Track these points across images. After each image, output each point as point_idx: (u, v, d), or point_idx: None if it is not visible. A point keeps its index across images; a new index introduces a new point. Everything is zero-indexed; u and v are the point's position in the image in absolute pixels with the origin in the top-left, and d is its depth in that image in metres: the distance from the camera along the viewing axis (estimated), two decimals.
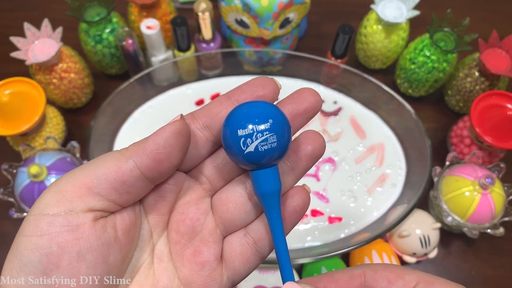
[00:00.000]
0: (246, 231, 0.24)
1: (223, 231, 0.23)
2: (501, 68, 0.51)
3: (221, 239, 0.24)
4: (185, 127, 0.21)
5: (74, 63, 0.53)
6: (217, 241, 0.23)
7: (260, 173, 0.21)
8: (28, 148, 0.49)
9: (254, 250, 0.24)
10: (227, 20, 0.54)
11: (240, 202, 0.23)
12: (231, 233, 0.24)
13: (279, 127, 0.21)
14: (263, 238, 0.23)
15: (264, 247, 0.24)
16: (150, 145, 0.20)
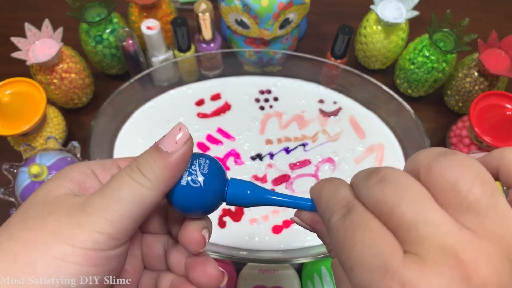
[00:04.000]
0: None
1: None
2: (500, 68, 0.51)
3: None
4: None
5: (75, 64, 0.54)
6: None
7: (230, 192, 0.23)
8: (28, 148, 0.49)
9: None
10: (227, 20, 0.55)
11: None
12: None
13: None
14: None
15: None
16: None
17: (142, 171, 0.21)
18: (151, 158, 0.21)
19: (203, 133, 0.55)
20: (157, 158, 0.21)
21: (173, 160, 0.21)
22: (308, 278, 0.46)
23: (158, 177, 0.21)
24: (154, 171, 0.20)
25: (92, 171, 0.23)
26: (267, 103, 0.57)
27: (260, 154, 0.54)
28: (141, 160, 0.21)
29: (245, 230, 0.49)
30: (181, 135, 0.21)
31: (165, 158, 0.21)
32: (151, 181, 0.20)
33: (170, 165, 0.21)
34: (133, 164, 0.21)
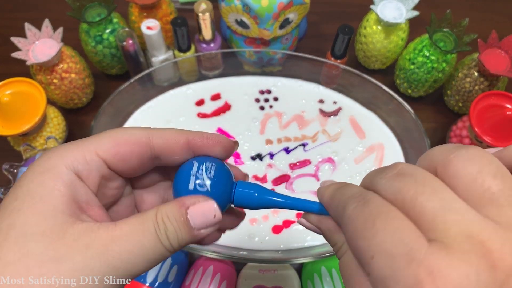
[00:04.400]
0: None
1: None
2: (500, 68, 0.51)
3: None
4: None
5: (75, 64, 0.54)
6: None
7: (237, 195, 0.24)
8: (29, 148, 0.49)
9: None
10: (227, 20, 0.55)
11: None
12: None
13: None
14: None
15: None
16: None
17: (169, 239, 0.20)
18: (179, 229, 0.21)
19: None
20: (185, 233, 0.21)
21: (200, 236, 0.21)
22: (308, 278, 0.46)
23: (181, 246, 0.21)
24: (179, 242, 0.21)
25: (76, 174, 0.20)
26: (267, 103, 0.57)
27: (260, 154, 0.54)
28: (169, 225, 0.20)
29: (245, 230, 0.49)
30: (213, 221, 0.21)
31: (192, 234, 0.21)
32: (174, 248, 0.21)
33: (196, 240, 0.21)
34: (162, 226, 0.20)
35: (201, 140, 0.23)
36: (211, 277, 0.45)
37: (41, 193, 0.19)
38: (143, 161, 0.23)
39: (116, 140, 0.21)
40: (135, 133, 0.22)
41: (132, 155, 0.22)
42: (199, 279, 0.45)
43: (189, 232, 0.21)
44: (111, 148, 0.21)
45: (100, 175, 0.21)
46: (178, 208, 0.21)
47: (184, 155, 0.23)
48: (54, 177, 0.19)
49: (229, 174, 0.23)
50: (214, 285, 0.44)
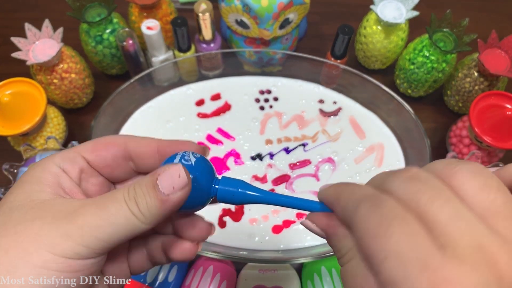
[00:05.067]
0: None
1: None
2: (500, 69, 0.52)
3: None
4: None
5: (75, 64, 0.54)
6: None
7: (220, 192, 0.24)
8: (29, 148, 0.49)
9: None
10: (227, 20, 0.55)
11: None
12: None
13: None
14: None
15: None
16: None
17: (138, 205, 0.21)
18: (148, 194, 0.21)
19: (203, 133, 0.55)
20: (154, 197, 0.21)
21: (168, 202, 0.21)
22: (308, 278, 0.46)
23: (152, 214, 0.21)
24: (149, 209, 0.21)
25: (61, 168, 0.23)
26: (267, 103, 0.57)
27: (260, 154, 0.54)
28: (139, 192, 0.21)
29: (245, 230, 0.49)
30: (179, 180, 0.21)
31: (160, 199, 0.21)
32: (145, 216, 0.21)
33: (164, 206, 0.21)
34: (132, 194, 0.21)
35: (170, 147, 0.25)
36: (211, 277, 0.45)
37: (30, 181, 0.22)
38: (117, 159, 0.25)
39: (96, 142, 0.25)
40: (114, 137, 0.25)
41: (107, 153, 0.25)
42: (199, 279, 0.45)
43: (157, 196, 0.21)
44: (91, 147, 0.25)
45: (79, 168, 0.24)
46: (150, 176, 0.22)
47: (153, 161, 0.25)
48: (43, 169, 0.23)
49: (209, 167, 0.24)
50: (214, 285, 0.44)
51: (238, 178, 0.25)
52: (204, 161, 0.24)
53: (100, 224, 0.20)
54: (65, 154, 0.24)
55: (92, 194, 0.25)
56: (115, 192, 0.22)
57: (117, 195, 0.21)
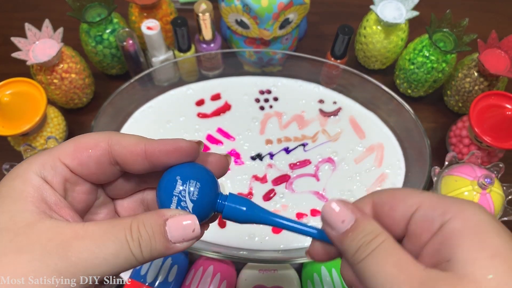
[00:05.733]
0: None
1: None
2: (500, 69, 0.52)
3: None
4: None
5: (75, 64, 0.54)
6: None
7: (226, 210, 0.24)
8: (29, 148, 0.49)
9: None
10: (227, 20, 0.55)
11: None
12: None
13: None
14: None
15: None
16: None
17: (141, 248, 0.20)
18: (154, 239, 0.20)
19: (203, 133, 0.55)
20: (160, 244, 0.20)
21: (173, 250, 0.21)
22: (308, 278, 0.46)
23: (152, 257, 0.21)
24: (152, 253, 0.20)
25: (42, 179, 0.21)
26: (267, 103, 0.57)
27: (260, 154, 0.54)
28: (144, 234, 0.20)
29: (245, 230, 0.49)
30: (192, 235, 0.21)
31: (166, 246, 0.21)
32: (145, 258, 0.20)
33: (169, 253, 0.21)
34: (135, 234, 0.20)
35: (159, 148, 0.22)
36: (211, 277, 0.45)
37: (11, 195, 0.20)
38: (102, 166, 0.23)
39: (76, 145, 0.22)
40: (95, 138, 0.23)
41: (90, 160, 0.22)
42: (199, 279, 0.45)
43: (164, 244, 0.20)
44: (71, 153, 0.22)
45: (63, 178, 0.22)
46: (157, 218, 0.21)
47: (141, 165, 0.23)
48: (23, 181, 0.21)
49: (213, 187, 0.23)
50: (214, 285, 0.44)
51: (244, 197, 0.24)
52: (207, 185, 0.22)
53: (96, 263, 0.19)
54: (44, 161, 0.21)
55: (80, 203, 0.23)
56: (115, 228, 0.20)
57: (119, 234, 0.20)
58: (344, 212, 0.21)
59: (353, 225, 0.21)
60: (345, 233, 0.21)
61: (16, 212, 0.20)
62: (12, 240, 0.19)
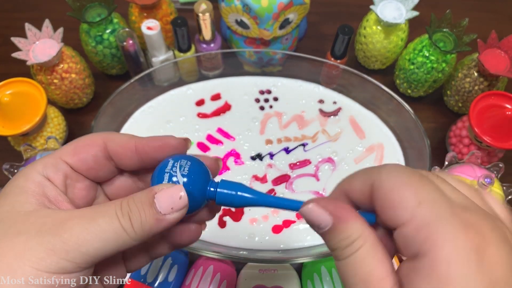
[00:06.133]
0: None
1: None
2: (500, 69, 0.52)
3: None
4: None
5: (75, 64, 0.54)
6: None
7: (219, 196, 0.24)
8: (29, 148, 0.49)
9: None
10: (227, 20, 0.55)
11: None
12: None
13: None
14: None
15: None
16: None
17: (132, 221, 0.20)
18: (143, 211, 0.21)
19: (203, 133, 0.55)
20: (149, 215, 0.21)
21: (164, 222, 0.21)
22: (308, 278, 0.46)
23: (144, 232, 0.21)
24: (143, 226, 0.21)
25: (45, 176, 0.23)
26: (267, 103, 0.57)
27: (260, 154, 0.54)
28: (134, 208, 0.21)
29: (245, 230, 0.49)
30: (179, 202, 0.21)
31: (156, 218, 0.21)
32: (136, 233, 0.20)
33: (159, 225, 0.21)
34: (125, 209, 0.21)
35: (148, 144, 0.24)
36: (211, 277, 0.45)
37: (14, 191, 0.22)
38: (99, 161, 0.24)
39: (75, 144, 0.24)
40: (92, 137, 0.24)
41: (88, 155, 0.24)
42: (199, 279, 0.45)
43: (154, 216, 0.21)
44: (71, 151, 0.24)
45: (63, 174, 0.23)
46: (146, 193, 0.21)
47: (133, 159, 0.24)
48: (26, 179, 0.22)
49: (204, 172, 0.24)
50: (214, 285, 0.44)
51: (236, 181, 0.24)
52: (199, 166, 0.23)
53: (87, 238, 0.19)
54: (47, 161, 0.23)
55: (80, 199, 0.24)
56: (106, 206, 0.21)
57: (109, 210, 0.21)
58: (321, 216, 0.21)
59: (330, 228, 0.21)
60: (324, 233, 0.21)
61: (16, 203, 0.21)
62: (11, 226, 0.20)
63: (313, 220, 0.21)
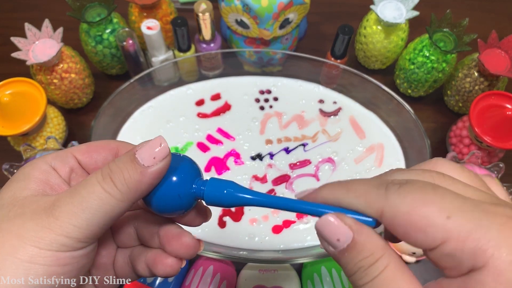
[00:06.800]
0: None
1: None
2: (500, 68, 0.52)
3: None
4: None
5: (75, 64, 0.54)
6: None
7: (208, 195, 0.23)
8: (29, 148, 0.49)
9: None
10: (227, 20, 0.55)
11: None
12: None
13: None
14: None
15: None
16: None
17: (114, 181, 0.20)
18: (126, 168, 0.20)
19: (203, 133, 0.55)
20: (132, 170, 0.20)
21: (148, 174, 0.20)
22: (308, 278, 0.46)
23: (130, 190, 0.20)
24: (127, 183, 0.20)
25: (51, 166, 0.23)
26: (267, 103, 0.57)
27: (260, 154, 0.54)
28: (115, 168, 0.20)
29: (245, 230, 0.49)
30: (160, 150, 0.20)
31: (140, 171, 0.20)
32: (122, 192, 0.20)
33: (144, 180, 0.20)
34: (106, 172, 0.20)
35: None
36: (211, 277, 0.45)
37: (19, 178, 0.22)
38: (107, 162, 0.24)
39: (90, 144, 0.25)
40: (107, 141, 0.25)
41: (99, 156, 0.24)
42: (199, 279, 0.45)
43: (137, 169, 0.20)
44: (83, 149, 0.24)
45: (70, 167, 0.24)
46: (127, 153, 0.21)
47: None
48: (32, 167, 0.23)
49: (193, 165, 0.23)
50: (214, 285, 0.44)
51: (229, 180, 0.23)
52: (188, 161, 0.23)
53: (74, 211, 0.19)
54: (58, 153, 0.24)
55: None
56: (88, 177, 0.21)
57: (89, 179, 0.20)
58: (341, 229, 0.19)
59: (349, 245, 0.18)
60: (342, 252, 0.19)
61: (17, 189, 0.21)
62: (10, 210, 0.20)
63: (332, 233, 0.19)
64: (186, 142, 0.54)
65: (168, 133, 0.55)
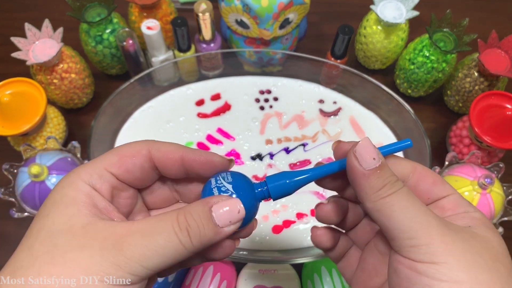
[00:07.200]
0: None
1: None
2: (500, 69, 0.51)
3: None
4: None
5: (75, 64, 0.54)
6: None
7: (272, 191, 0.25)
8: (29, 148, 0.49)
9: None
10: (227, 20, 0.55)
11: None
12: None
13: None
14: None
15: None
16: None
17: (190, 236, 0.21)
18: (202, 225, 0.21)
19: (203, 133, 0.55)
20: (208, 229, 0.21)
21: (222, 234, 0.22)
22: (308, 278, 0.46)
23: (202, 245, 0.22)
24: (201, 240, 0.21)
25: (92, 186, 0.23)
26: (267, 103, 0.57)
27: (260, 154, 0.54)
28: (192, 222, 0.21)
29: None
30: (237, 216, 0.22)
31: (215, 231, 0.21)
32: (194, 246, 0.21)
33: (217, 238, 0.22)
34: (183, 224, 0.21)
35: (194, 158, 0.25)
36: (211, 277, 0.45)
37: (65, 202, 0.22)
38: (145, 171, 0.25)
39: (120, 155, 0.24)
40: (136, 147, 0.24)
41: (135, 167, 0.24)
42: (199, 279, 0.45)
43: (213, 229, 0.21)
44: (117, 163, 0.24)
45: (111, 186, 0.24)
46: (202, 206, 0.22)
47: (178, 170, 0.25)
48: (74, 189, 0.22)
49: (246, 177, 0.25)
50: (214, 285, 0.44)
51: (280, 172, 0.25)
52: (239, 174, 0.24)
53: (148, 255, 0.20)
54: (92, 170, 0.23)
55: (124, 207, 0.25)
56: (162, 221, 0.21)
57: (166, 226, 0.21)
58: (376, 151, 0.22)
59: (380, 165, 0.22)
60: (374, 170, 0.22)
61: (71, 215, 0.21)
62: (72, 239, 0.20)
63: (369, 153, 0.22)
64: (186, 142, 0.54)
65: (168, 133, 0.55)
